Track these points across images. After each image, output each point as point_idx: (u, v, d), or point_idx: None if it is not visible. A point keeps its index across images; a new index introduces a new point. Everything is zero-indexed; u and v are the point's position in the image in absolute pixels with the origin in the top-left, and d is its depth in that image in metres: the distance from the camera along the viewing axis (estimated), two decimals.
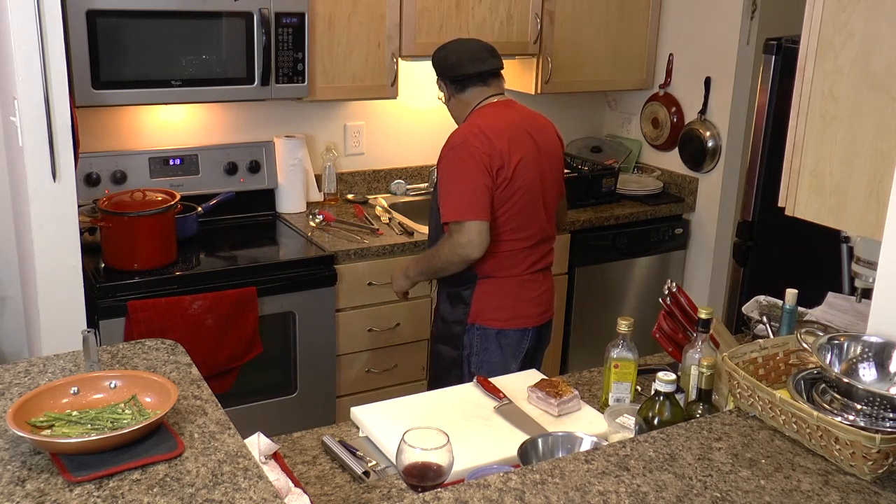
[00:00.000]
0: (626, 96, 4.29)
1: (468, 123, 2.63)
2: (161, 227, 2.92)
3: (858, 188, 1.87)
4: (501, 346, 2.65)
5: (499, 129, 2.57)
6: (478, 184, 2.52)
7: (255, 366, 3.04)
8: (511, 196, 2.57)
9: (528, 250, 2.65)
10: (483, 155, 2.52)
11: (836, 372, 1.62)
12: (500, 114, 2.65)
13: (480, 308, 2.64)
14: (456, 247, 2.52)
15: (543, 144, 2.68)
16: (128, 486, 1.36)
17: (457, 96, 2.70)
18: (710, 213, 3.97)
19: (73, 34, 2.72)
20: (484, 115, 2.64)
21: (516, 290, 2.65)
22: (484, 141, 2.53)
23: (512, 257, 2.63)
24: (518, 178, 2.57)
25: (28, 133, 2.48)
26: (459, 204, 2.52)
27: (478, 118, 2.63)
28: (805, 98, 1.95)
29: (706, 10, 3.84)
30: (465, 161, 2.53)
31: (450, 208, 2.54)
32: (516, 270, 2.64)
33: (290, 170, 3.49)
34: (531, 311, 2.69)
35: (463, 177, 2.52)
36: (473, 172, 2.52)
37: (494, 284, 2.63)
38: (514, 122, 2.64)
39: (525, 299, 2.67)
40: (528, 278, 2.67)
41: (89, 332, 1.71)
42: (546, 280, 2.75)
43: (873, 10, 1.80)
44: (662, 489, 1.40)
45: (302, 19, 3.11)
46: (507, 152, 2.55)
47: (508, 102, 2.71)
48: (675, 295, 2.08)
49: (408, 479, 1.56)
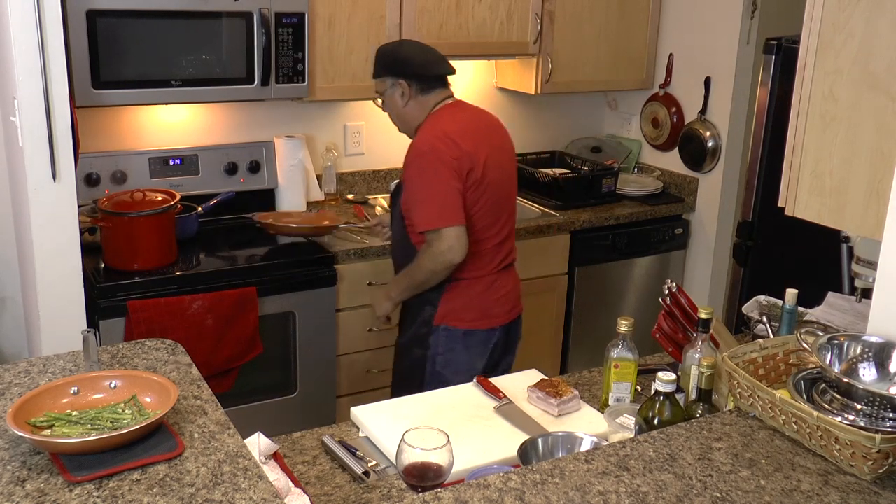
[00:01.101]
0: (626, 96, 4.29)
1: (429, 129, 2.58)
2: (161, 227, 2.92)
3: (858, 188, 1.87)
4: (468, 346, 2.64)
5: (462, 130, 2.55)
6: (450, 189, 2.49)
7: (255, 366, 3.04)
8: (482, 195, 2.57)
9: (498, 247, 2.65)
10: (452, 160, 2.49)
11: (836, 372, 1.62)
12: (457, 115, 2.63)
13: (448, 310, 2.62)
14: (437, 255, 2.50)
15: (498, 141, 2.69)
16: (128, 486, 1.36)
17: (418, 97, 2.62)
18: (710, 213, 3.97)
19: (73, 34, 2.72)
20: (442, 118, 2.60)
21: (484, 290, 2.64)
22: (451, 145, 2.50)
23: (483, 257, 2.62)
24: (487, 176, 2.56)
25: (28, 133, 2.48)
26: (434, 211, 2.50)
27: (437, 122, 2.59)
28: (805, 98, 1.95)
29: (706, 10, 3.84)
30: (433, 167, 2.49)
31: (425, 217, 2.51)
32: (486, 270, 2.64)
33: (290, 170, 3.49)
34: (499, 309, 2.68)
35: (434, 183, 2.49)
36: (444, 178, 2.49)
37: (463, 286, 2.62)
38: (473, 121, 2.65)
39: (492, 299, 2.66)
40: (496, 277, 2.67)
41: (89, 332, 1.71)
42: (512, 277, 2.74)
43: (873, 10, 1.80)
44: (662, 489, 1.40)
45: (302, 19, 3.11)
46: (475, 152, 2.54)
47: (460, 103, 2.69)
48: (675, 295, 2.08)
49: (408, 479, 1.56)
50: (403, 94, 2.63)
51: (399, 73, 2.62)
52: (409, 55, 2.66)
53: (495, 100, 4.08)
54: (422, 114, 2.64)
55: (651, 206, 3.90)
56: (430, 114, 2.63)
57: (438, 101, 2.64)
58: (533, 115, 4.22)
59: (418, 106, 2.64)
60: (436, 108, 2.64)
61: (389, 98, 2.66)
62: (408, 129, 2.70)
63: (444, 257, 2.50)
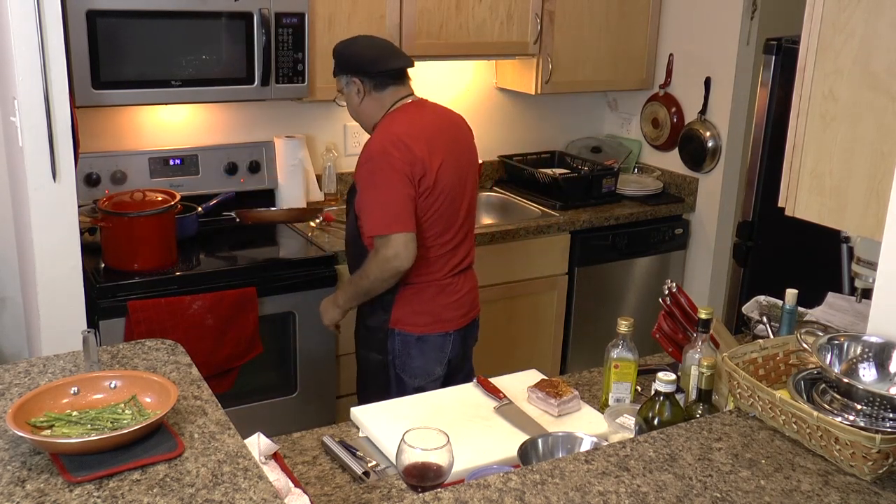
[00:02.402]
0: (626, 96, 4.29)
1: (384, 131, 2.52)
2: (161, 227, 2.92)
3: (858, 188, 1.87)
4: (423, 351, 2.61)
5: (416, 134, 2.48)
6: (400, 195, 2.43)
7: (255, 366, 3.04)
8: (434, 202, 2.51)
9: (451, 253, 2.60)
10: (404, 164, 2.42)
11: (836, 372, 1.62)
12: (415, 117, 2.55)
13: (400, 314, 2.58)
14: (383, 262, 2.44)
15: (460, 140, 2.64)
16: (128, 486, 1.36)
17: (373, 94, 2.56)
18: (710, 214, 3.97)
19: (73, 34, 2.72)
20: (398, 120, 2.52)
21: (436, 294, 2.60)
22: (403, 149, 2.43)
23: (434, 263, 2.57)
24: (440, 183, 2.50)
25: (28, 133, 2.48)
26: (382, 217, 2.44)
27: (392, 124, 2.52)
28: (805, 98, 1.95)
29: (706, 10, 3.84)
30: (384, 172, 2.43)
31: (373, 223, 2.45)
32: (438, 275, 2.59)
33: (290, 170, 3.49)
34: (452, 314, 2.63)
35: (384, 189, 2.43)
36: (395, 183, 2.42)
37: (414, 290, 2.57)
38: (430, 123, 2.57)
39: (445, 304, 2.61)
40: (450, 282, 2.61)
41: (89, 332, 1.71)
42: (468, 280, 2.69)
43: (873, 11, 1.80)
44: (662, 489, 1.40)
45: (302, 19, 3.11)
46: (428, 158, 2.46)
47: (421, 102, 2.61)
48: (675, 295, 2.08)
49: (408, 479, 1.56)
50: (359, 92, 2.57)
51: (352, 70, 2.56)
52: (360, 51, 2.58)
53: (495, 100, 4.08)
54: (378, 112, 2.57)
55: (651, 206, 3.90)
56: (388, 113, 2.56)
57: (396, 99, 2.57)
58: (533, 115, 4.22)
59: (374, 104, 2.57)
60: (394, 106, 2.56)
61: (347, 96, 2.61)
62: (367, 127, 2.64)
63: (389, 264, 2.44)
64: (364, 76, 2.55)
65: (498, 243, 3.47)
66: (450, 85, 3.89)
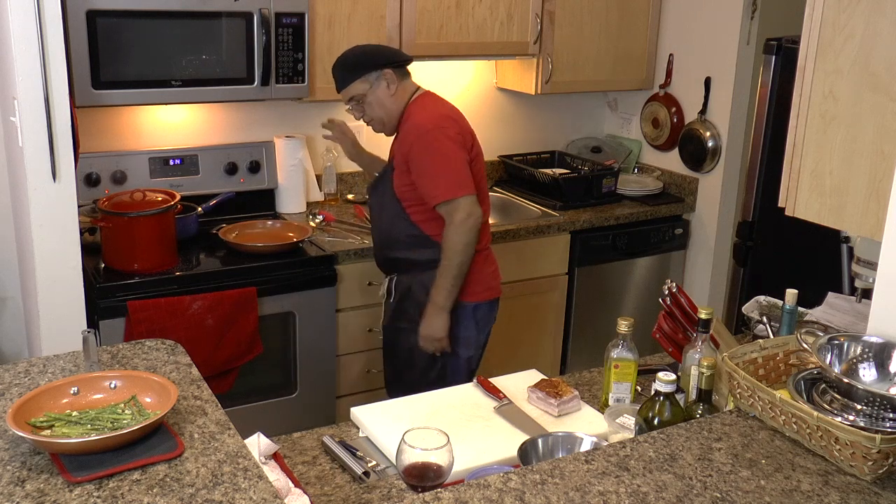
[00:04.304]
0: (626, 96, 4.29)
1: (424, 112, 2.64)
2: (161, 227, 2.92)
3: (858, 188, 1.87)
4: (476, 319, 2.75)
5: (454, 113, 2.69)
6: (460, 160, 2.58)
7: (255, 366, 3.04)
8: (476, 173, 2.66)
9: (487, 223, 2.74)
10: (456, 134, 2.61)
11: (836, 372, 1.62)
12: (441, 102, 2.72)
13: None
14: (460, 226, 2.56)
15: None
16: (128, 486, 1.36)
17: (400, 84, 2.67)
18: (710, 214, 3.97)
19: (73, 34, 2.72)
20: (429, 105, 2.69)
21: (483, 264, 2.74)
22: (452, 123, 2.63)
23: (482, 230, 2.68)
24: (478, 156, 2.70)
25: (28, 133, 2.48)
26: (447, 183, 2.57)
27: (427, 107, 2.67)
28: (805, 98, 1.95)
29: (706, 10, 3.84)
30: (441, 142, 2.57)
31: (440, 189, 2.57)
32: (482, 244, 2.71)
33: (290, 170, 3.49)
34: (495, 282, 2.80)
35: (444, 157, 2.57)
36: (454, 150, 2.58)
37: None
38: (454, 108, 2.74)
39: (489, 272, 2.78)
40: (488, 252, 2.78)
41: (89, 333, 1.71)
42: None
43: (873, 11, 1.80)
44: (662, 489, 1.40)
45: (302, 19, 3.11)
46: (470, 132, 2.68)
47: (434, 94, 2.76)
48: (675, 295, 2.08)
49: (408, 479, 1.56)
50: (389, 84, 2.66)
51: (381, 64, 2.66)
52: (377, 48, 2.76)
53: (495, 100, 4.08)
54: (403, 102, 2.69)
55: (651, 206, 3.90)
56: (411, 102, 2.69)
57: (414, 89, 2.72)
58: (533, 115, 4.22)
59: (402, 93, 2.69)
60: (413, 97, 2.70)
61: (374, 93, 2.66)
62: (392, 121, 2.71)
63: (466, 225, 2.56)
64: (393, 66, 2.67)
65: (498, 243, 3.46)
66: (450, 85, 3.89)
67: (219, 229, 3.19)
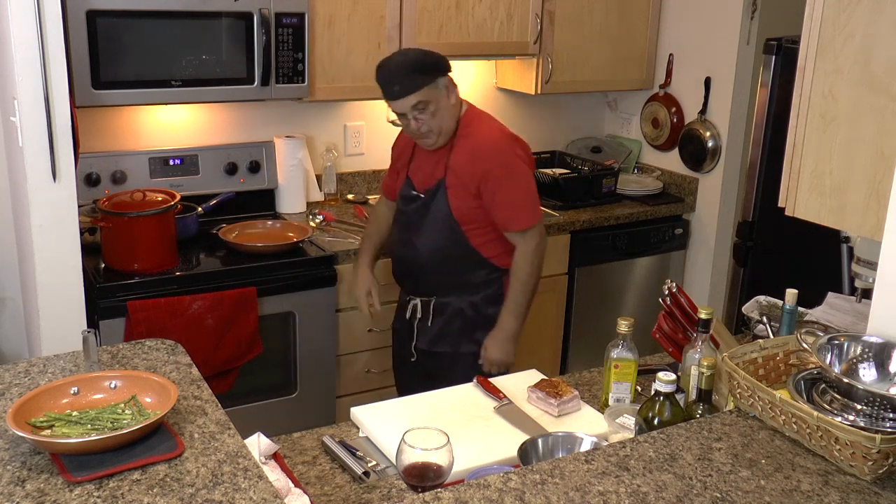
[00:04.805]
0: (626, 96, 4.29)
1: (488, 128, 2.58)
2: (161, 227, 2.92)
3: (858, 188, 1.87)
4: None
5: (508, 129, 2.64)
6: (533, 183, 2.61)
7: (255, 366, 3.04)
8: None
9: None
10: (525, 155, 2.60)
11: (836, 372, 1.62)
12: (487, 115, 2.66)
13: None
14: (535, 252, 2.58)
15: None
16: (128, 486, 1.36)
17: (456, 92, 2.55)
18: (710, 214, 3.97)
19: (73, 34, 2.72)
20: (482, 118, 2.62)
21: None
22: (517, 141, 2.61)
23: None
24: None
25: (28, 133, 2.48)
26: (529, 210, 2.58)
27: (487, 122, 2.61)
28: (805, 98, 1.95)
29: (706, 10, 3.84)
30: (516, 164, 2.55)
31: (523, 218, 2.57)
32: None
33: (290, 170, 3.49)
34: None
35: (523, 180, 2.56)
36: (528, 174, 2.59)
37: None
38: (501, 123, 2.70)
39: None
40: None
41: (89, 332, 1.71)
42: None
43: (873, 11, 1.80)
44: (662, 489, 1.40)
45: (302, 19, 3.11)
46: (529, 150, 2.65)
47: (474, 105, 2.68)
48: (675, 295, 2.08)
49: (408, 479, 1.56)
50: (451, 92, 2.52)
51: (444, 70, 2.51)
52: (434, 53, 2.54)
53: (495, 100, 4.08)
54: (459, 113, 2.57)
55: (651, 206, 3.90)
56: (465, 112, 2.58)
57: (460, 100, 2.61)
58: (533, 115, 4.22)
59: (458, 102, 2.56)
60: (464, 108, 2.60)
61: (439, 100, 2.48)
62: (450, 132, 2.55)
63: (539, 250, 2.59)
64: (447, 75, 2.53)
65: None
66: None
67: (219, 229, 3.19)
